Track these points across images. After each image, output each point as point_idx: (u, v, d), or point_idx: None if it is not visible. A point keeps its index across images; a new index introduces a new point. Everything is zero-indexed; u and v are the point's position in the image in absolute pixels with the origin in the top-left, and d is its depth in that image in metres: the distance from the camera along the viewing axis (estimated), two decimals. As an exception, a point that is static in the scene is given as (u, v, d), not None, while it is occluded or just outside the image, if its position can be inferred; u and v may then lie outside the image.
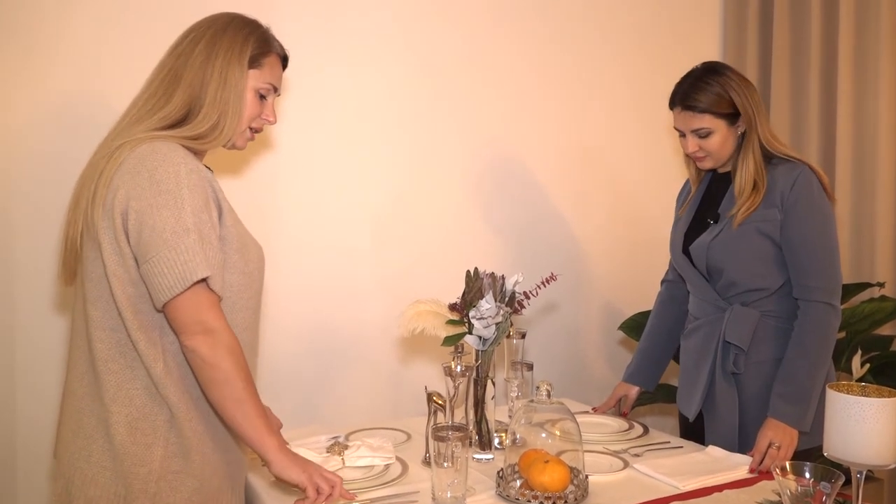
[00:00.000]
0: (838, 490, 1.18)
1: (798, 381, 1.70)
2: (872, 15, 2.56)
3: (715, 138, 1.78)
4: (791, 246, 1.75)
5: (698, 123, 1.78)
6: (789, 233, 1.74)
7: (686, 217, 1.95)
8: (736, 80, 1.78)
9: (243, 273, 1.34)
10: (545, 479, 1.42)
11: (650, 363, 2.08)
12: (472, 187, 2.47)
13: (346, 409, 2.28)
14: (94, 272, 1.28)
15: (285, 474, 1.25)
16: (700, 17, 2.89)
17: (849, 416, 1.21)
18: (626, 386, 2.09)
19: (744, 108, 1.76)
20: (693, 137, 1.81)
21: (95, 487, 1.26)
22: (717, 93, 1.76)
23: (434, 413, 1.64)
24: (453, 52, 2.41)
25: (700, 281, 1.88)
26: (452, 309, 1.70)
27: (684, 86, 1.81)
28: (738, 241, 1.78)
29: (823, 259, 1.73)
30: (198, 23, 1.38)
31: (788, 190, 1.74)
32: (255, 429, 1.24)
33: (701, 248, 1.85)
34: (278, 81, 1.43)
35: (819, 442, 1.71)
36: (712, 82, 1.77)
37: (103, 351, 1.27)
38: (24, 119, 1.87)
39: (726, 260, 1.80)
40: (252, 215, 1.50)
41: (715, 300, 1.85)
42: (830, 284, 1.73)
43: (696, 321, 1.91)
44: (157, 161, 1.23)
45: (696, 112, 1.77)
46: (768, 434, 1.67)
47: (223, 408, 1.24)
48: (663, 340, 2.09)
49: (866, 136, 2.59)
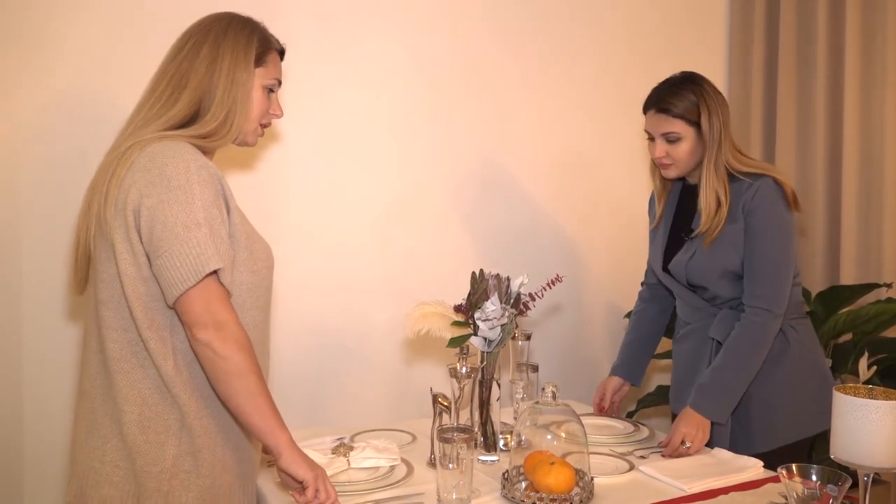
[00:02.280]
0: (845, 493, 1.18)
1: (723, 380, 1.76)
2: (879, 16, 2.55)
3: (683, 146, 1.80)
4: (746, 254, 1.78)
5: (669, 127, 1.80)
6: (746, 241, 1.77)
7: (662, 232, 1.97)
8: (711, 95, 1.80)
9: (252, 271, 1.35)
10: (550, 481, 1.41)
11: (632, 358, 2.11)
12: (479, 188, 2.47)
13: (351, 411, 2.28)
14: (105, 273, 1.29)
15: (293, 468, 1.25)
16: (706, 22, 2.88)
17: (855, 418, 1.20)
18: (607, 379, 2.11)
19: (710, 124, 1.77)
20: (662, 142, 1.82)
21: (110, 486, 1.27)
22: (693, 101, 1.78)
23: (439, 414, 1.65)
24: (460, 55, 2.41)
25: (686, 293, 1.92)
26: (458, 310, 1.70)
27: (661, 89, 1.84)
28: (713, 260, 1.81)
29: (773, 269, 1.76)
30: (194, 26, 1.40)
31: (750, 200, 1.76)
32: (268, 422, 1.24)
33: (679, 265, 1.88)
34: (280, 74, 1.47)
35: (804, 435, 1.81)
36: (689, 90, 1.79)
37: (115, 351, 1.28)
38: (31, 122, 1.88)
39: (706, 278, 1.84)
40: (257, 216, 1.50)
41: (704, 307, 1.89)
42: (775, 292, 1.76)
43: (688, 326, 1.95)
44: (167, 158, 1.25)
45: (670, 116, 1.79)
46: (682, 430, 1.73)
47: (235, 402, 1.24)
48: (644, 335, 2.12)
49: (873, 137, 2.58)
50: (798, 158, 2.73)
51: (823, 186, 2.66)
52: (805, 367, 1.84)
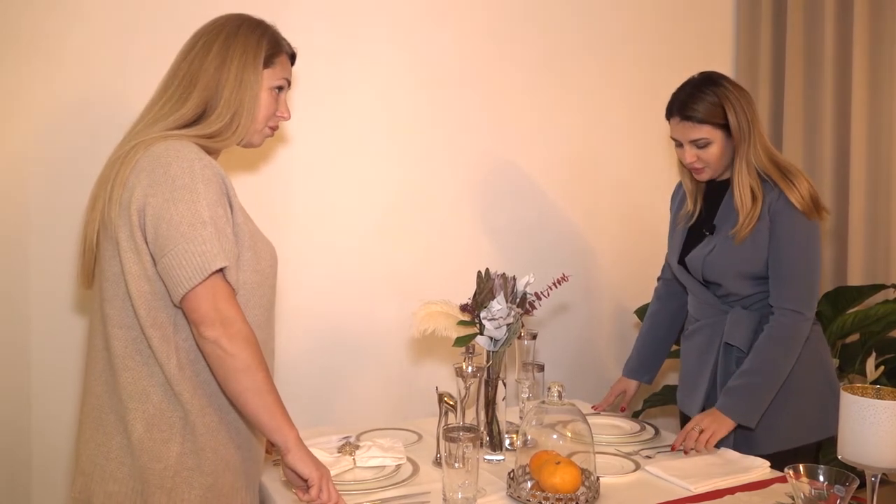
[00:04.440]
0: (853, 493, 1.17)
1: (753, 383, 1.73)
2: (888, 15, 2.53)
3: (713, 149, 1.78)
4: (773, 255, 1.75)
5: (696, 134, 1.77)
6: (772, 242, 1.75)
7: (683, 226, 1.95)
8: (733, 91, 1.77)
9: (255, 271, 1.35)
10: (556, 481, 1.41)
11: (649, 358, 2.10)
12: (484, 188, 2.47)
13: (356, 410, 2.28)
14: (110, 270, 1.30)
15: (299, 466, 1.26)
16: (713, 20, 2.87)
17: (863, 418, 1.20)
18: (626, 381, 2.10)
19: (738, 121, 1.75)
20: (691, 148, 1.80)
21: (114, 483, 1.28)
22: (715, 103, 1.76)
23: (445, 414, 1.65)
24: (466, 56, 2.41)
25: (699, 288, 1.90)
26: (464, 310, 1.70)
27: (681, 95, 1.81)
28: (733, 255, 1.79)
29: (801, 271, 1.74)
30: (207, 26, 1.40)
31: (775, 200, 1.74)
32: (275, 419, 1.24)
33: (697, 260, 1.86)
34: (290, 75, 1.47)
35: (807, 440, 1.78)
36: (709, 92, 1.77)
37: (120, 348, 1.28)
38: (39, 121, 1.89)
39: (723, 274, 1.82)
40: (263, 216, 1.51)
41: (715, 304, 1.87)
42: (805, 294, 1.74)
43: (697, 322, 1.93)
44: (171, 157, 1.25)
45: (695, 122, 1.77)
46: (700, 419, 1.72)
47: (243, 400, 1.24)
48: (661, 335, 2.10)
49: (881, 137, 2.57)
50: (806, 158, 2.72)
51: (831, 187, 2.65)
52: (812, 371, 1.81)
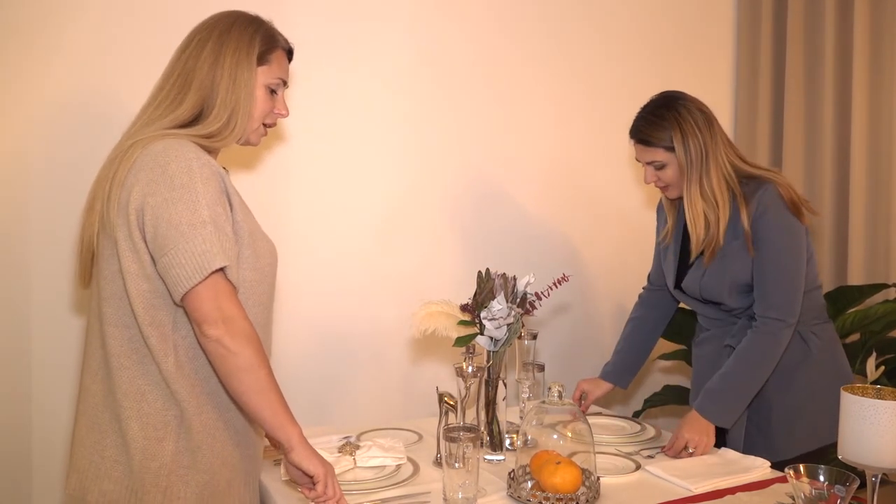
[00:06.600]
0: (853, 494, 1.17)
1: (730, 386, 1.74)
2: (888, 16, 2.54)
3: (669, 171, 1.80)
4: (755, 264, 1.76)
5: (651, 157, 1.81)
6: (755, 251, 1.75)
7: (674, 248, 1.95)
8: (688, 117, 1.76)
9: (255, 269, 1.35)
10: (557, 481, 1.41)
11: (629, 363, 2.09)
12: (485, 188, 2.47)
13: (357, 410, 2.28)
14: (108, 269, 1.30)
15: (304, 463, 1.25)
16: (713, 22, 2.87)
17: (864, 418, 1.20)
18: (597, 382, 2.08)
19: (685, 149, 1.75)
20: (650, 169, 1.83)
21: (109, 481, 1.28)
22: (666, 128, 1.77)
23: (445, 414, 1.64)
24: (466, 57, 2.40)
25: (702, 307, 1.92)
26: (464, 310, 1.70)
27: (639, 119, 1.83)
28: (723, 276, 1.80)
29: (782, 277, 1.74)
30: (202, 24, 1.40)
31: (753, 211, 1.75)
32: (278, 417, 1.24)
33: (693, 283, 1.87)
34: (286, 75, 1.45)
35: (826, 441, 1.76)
36: (663, 116, 1.78)
37: (116, 347, 1.28)
38: (38, 121, 1.88)
39: (720, 294, 1.83)
40: (262, 216, 1.51)
41: (723, 317, 1.89)
42: (786, 301, 1.74)
43: (707, 332, 1.95)
44: (169, 157, 1.25)
45: (649, 147, 1.80)
46: (686, 435, 1.72)
47: (246, 398, 1.23)
48: (642, 340, 2.11)
49: (881, 137, 2.57)
50: (806, 159, 2.72)
51: (831, 186, 2.65)
52: (827, 373, 1.81)
